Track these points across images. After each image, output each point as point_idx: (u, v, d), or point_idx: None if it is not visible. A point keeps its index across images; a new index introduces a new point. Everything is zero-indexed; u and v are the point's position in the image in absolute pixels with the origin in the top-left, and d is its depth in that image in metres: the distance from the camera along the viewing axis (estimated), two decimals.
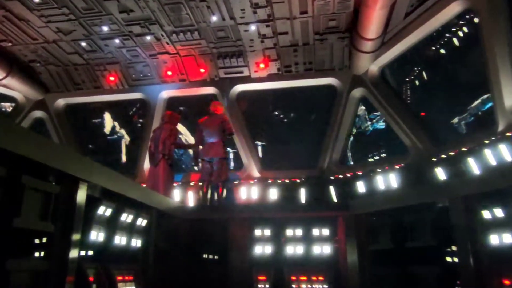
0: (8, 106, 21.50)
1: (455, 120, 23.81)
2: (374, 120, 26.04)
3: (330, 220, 6.59)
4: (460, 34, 23.80)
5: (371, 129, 25.59)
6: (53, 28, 8.58)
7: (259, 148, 24.08)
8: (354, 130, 24.85)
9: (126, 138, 24.07)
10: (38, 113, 10.73)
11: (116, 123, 23.81)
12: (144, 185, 8.05)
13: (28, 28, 8.60)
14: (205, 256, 6.78)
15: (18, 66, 9.73)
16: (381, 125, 25.74)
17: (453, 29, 23.64)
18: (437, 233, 5.06)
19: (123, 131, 24.03)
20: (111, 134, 23.84)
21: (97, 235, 4.33)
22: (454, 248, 4.91)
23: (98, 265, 4.46)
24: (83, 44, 9.13)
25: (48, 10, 8.00)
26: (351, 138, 24.35)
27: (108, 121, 23.48)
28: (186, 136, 22.81)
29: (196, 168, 11.16)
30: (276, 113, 24.19)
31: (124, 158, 23.73)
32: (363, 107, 22.74)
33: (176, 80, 10.08)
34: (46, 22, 8.38)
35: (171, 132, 8.34)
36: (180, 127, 21.35)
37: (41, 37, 8.91)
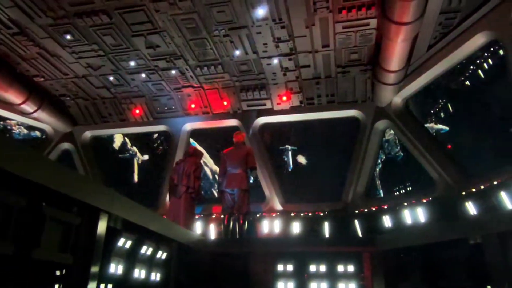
0: (13, 124, 21.23)
1: None
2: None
3: (355, 256, 6.32)
4: (485, 66, 23.46)
5: (402, 154, 24.26)
6: (83, 63, 8.95)
7: (290, 153, 23.67)
8: (383, 157, 24.15)
9: (139, 157, 23.50)
10: (65, 145, 11.02)
11: (127, 140, 23.03)
12: (165, 217, 8.02)
13: (60, 64, 9.00)
14: None
15: (49, 100, 10.12)
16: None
17: (477, 61, 23.31)
18: (471, 272, 4.75)
19: (135, 149, 23.45)
20: (122, 152, 23.07)
21: (116, 268, 4.27)
22: None
23: None
24: (111, 78, 9.45)
25: (79, 46, 8.38)
26: (380, 166, 23.68)
27: (118, 136, 22.41)
28: (206, 158, 22.35)
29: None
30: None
31: (136, 178, 23.08)
32: (392, 132, 21.98)
33: (200, 113, 10.24)
34: (77, 58, 8.76)
35: (196, 165, 8.37)
36: (200, 148, 20.93)
37: (71, 72, 9.30)
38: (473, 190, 7.09)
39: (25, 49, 8.52)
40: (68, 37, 8.05)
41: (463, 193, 7.23)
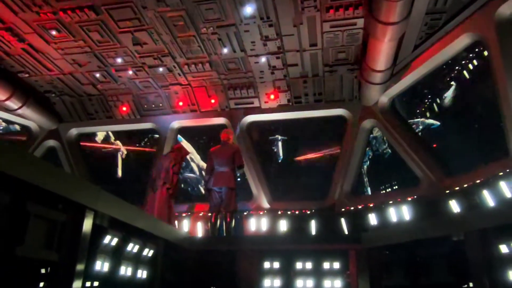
0: None
1: None
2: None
3: (341, 253, 6.38)
4: (470, 66, 23.82)
5: (389, 151, 24.25)
6: (69, 60, 8.84)
7: (280, 144, 23.48)
8: (371, 154, 24.23)
9: (123, 151, 22.94)
10: (51, 142, 10.87)
11: (110, 133, 22.04)
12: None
13: (45, 60, 8.87)
14: None
15: (34, 96, 9.96)
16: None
17: (463, 61, 23.66)
18: (453, 268, 4.86)
19: (119, 143, 22.82)
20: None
21: (102, 265, 4.24)
22: (471, 284, 4.69)
23: None
24: (98, 75, 9.36)
25: (65, 42, 8.27)
26: (368, 163, 23.74)
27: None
28: (193, 154, 22.04)
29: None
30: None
31: (120, 173, 22.52)
32: None
33: (187, 111, 10.21)
34: (63, 54, 8.65)
35: (176, 161, 8.34)
36: (186, 143, 20.59)
37: (57, 69, 9.17)
38: (457, 188, 7.23)
39: (10, 45, 8.37)
40: (54, 32, 7.94)
41: (447, 191, 7.37)
